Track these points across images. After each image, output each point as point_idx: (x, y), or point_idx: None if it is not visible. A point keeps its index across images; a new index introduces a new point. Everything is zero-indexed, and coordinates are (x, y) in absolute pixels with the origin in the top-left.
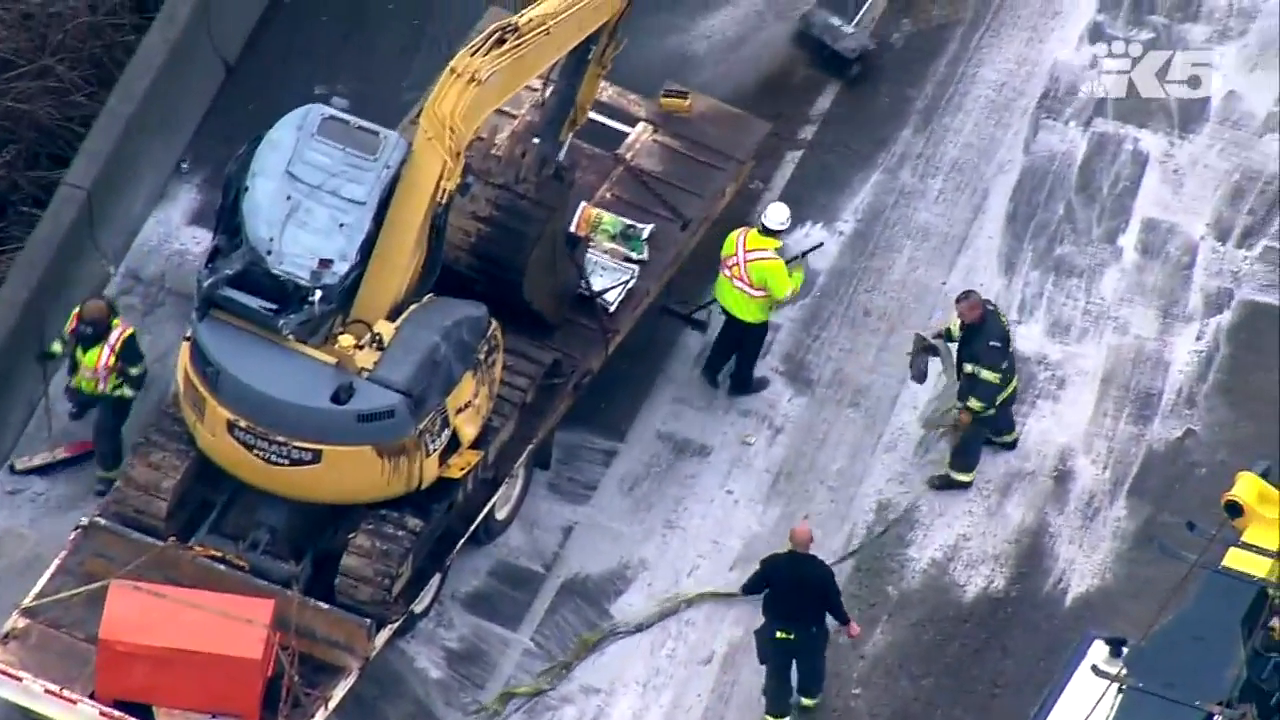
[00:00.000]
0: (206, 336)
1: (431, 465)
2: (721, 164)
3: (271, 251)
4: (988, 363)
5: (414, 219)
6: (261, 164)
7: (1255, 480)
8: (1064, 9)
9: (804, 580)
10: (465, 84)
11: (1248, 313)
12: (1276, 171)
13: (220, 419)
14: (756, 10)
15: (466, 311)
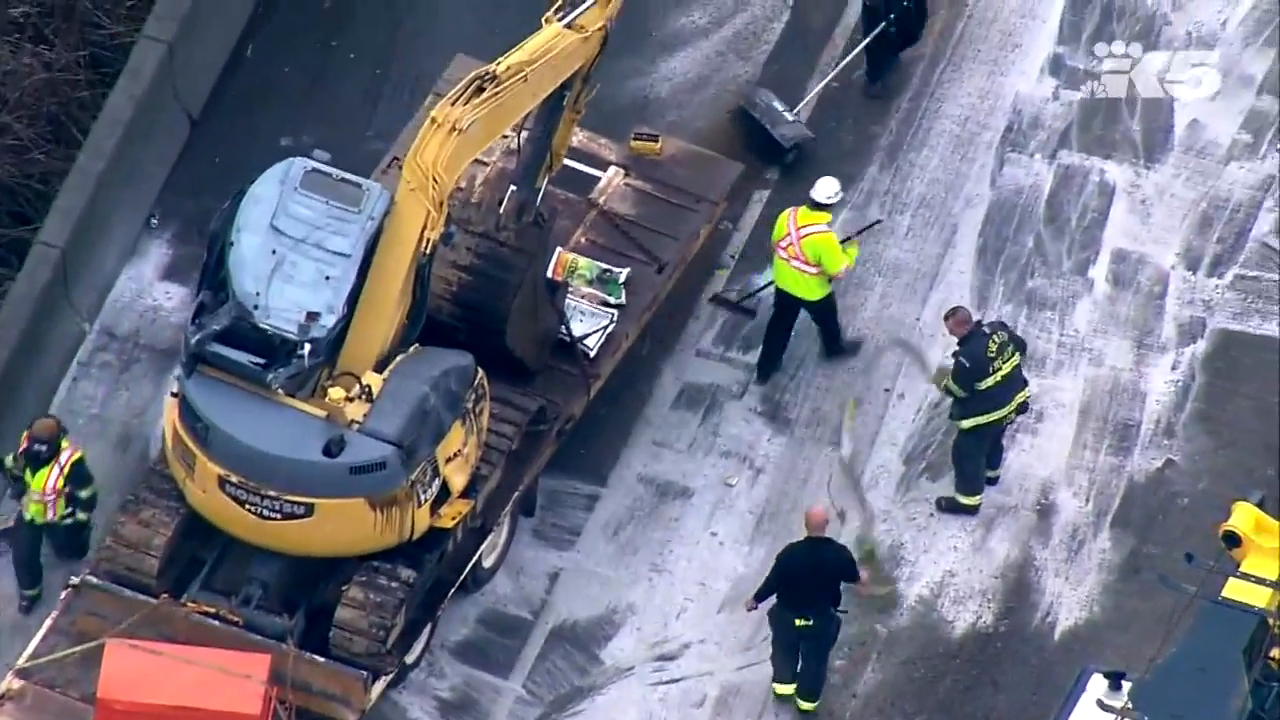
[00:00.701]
0: (195, 393)
1: (423, 516)
2: (695, 206)
3: (259, 306)
4: (956, 378)
5: (399, 270)
6: (246, 219)
7: (1252, 510)
8: (1023, 42)
9: (823, 563)
10: (447, 134)
11: (1222, 341)
12: (1243, 199)
13: (211, 475)
14: (717, 51)
15: (453, 361)
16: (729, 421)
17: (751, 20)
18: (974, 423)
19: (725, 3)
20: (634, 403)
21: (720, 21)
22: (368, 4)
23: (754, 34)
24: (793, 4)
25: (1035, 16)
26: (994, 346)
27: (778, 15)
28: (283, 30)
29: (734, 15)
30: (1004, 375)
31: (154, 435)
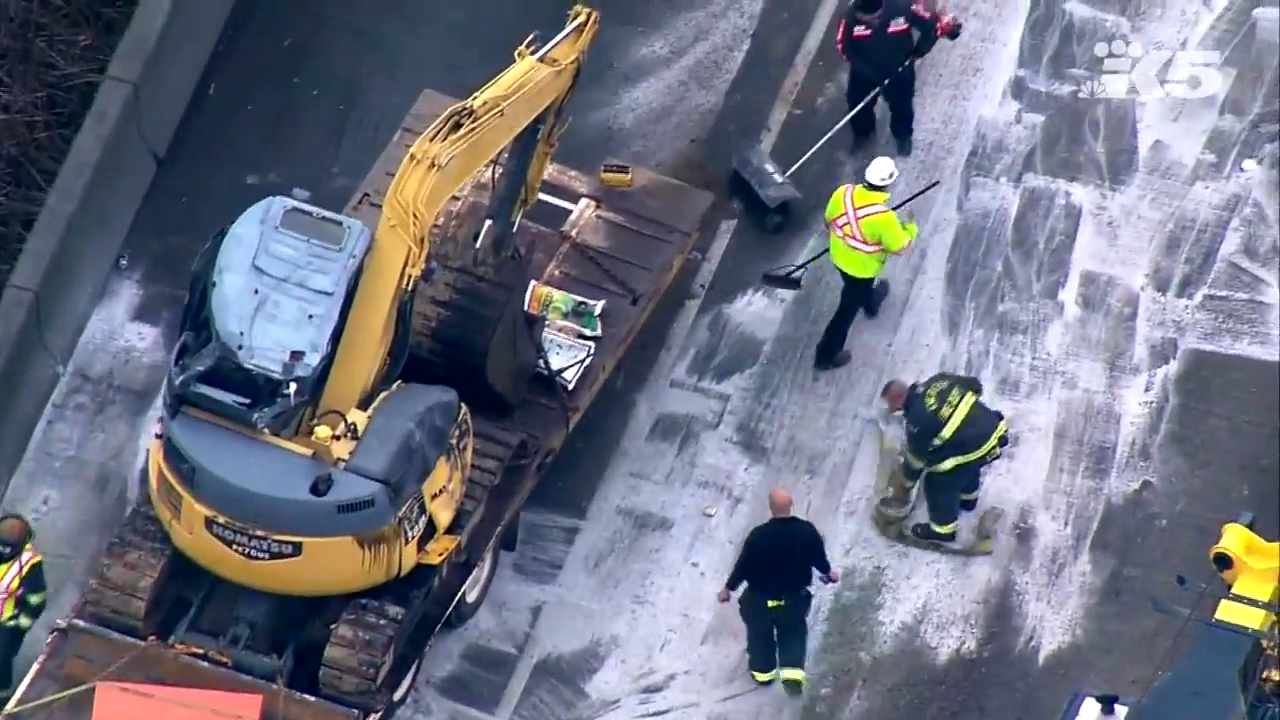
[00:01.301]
0: (180, 434)
1: (410, 552)
2: (667, 236)
3: (243, 346)
4: (912, 449)
5: (381, 307)
6: (228, 259)
7: (1243, 532)
8: (984, 66)
9: (792, 542)
10: (426, 170)
11: (1194, 362)
12: (1209, 219)
13: (198, 516)
14: (679, 81)
15: (437, 397)
16: (705, 452)
17: (712, 49)
18: (954, 463)
19: (685, 32)
20: (610, 435)
21: (681, 51)
22: (328, 40)
23: (715, 63)
24: (753, 32)
25: (995, 40)
26: (932, 399)
27: (738, 44)
28: (245, 68)
29: (694, 44)
30: (962, 418)
31: (132, 476)
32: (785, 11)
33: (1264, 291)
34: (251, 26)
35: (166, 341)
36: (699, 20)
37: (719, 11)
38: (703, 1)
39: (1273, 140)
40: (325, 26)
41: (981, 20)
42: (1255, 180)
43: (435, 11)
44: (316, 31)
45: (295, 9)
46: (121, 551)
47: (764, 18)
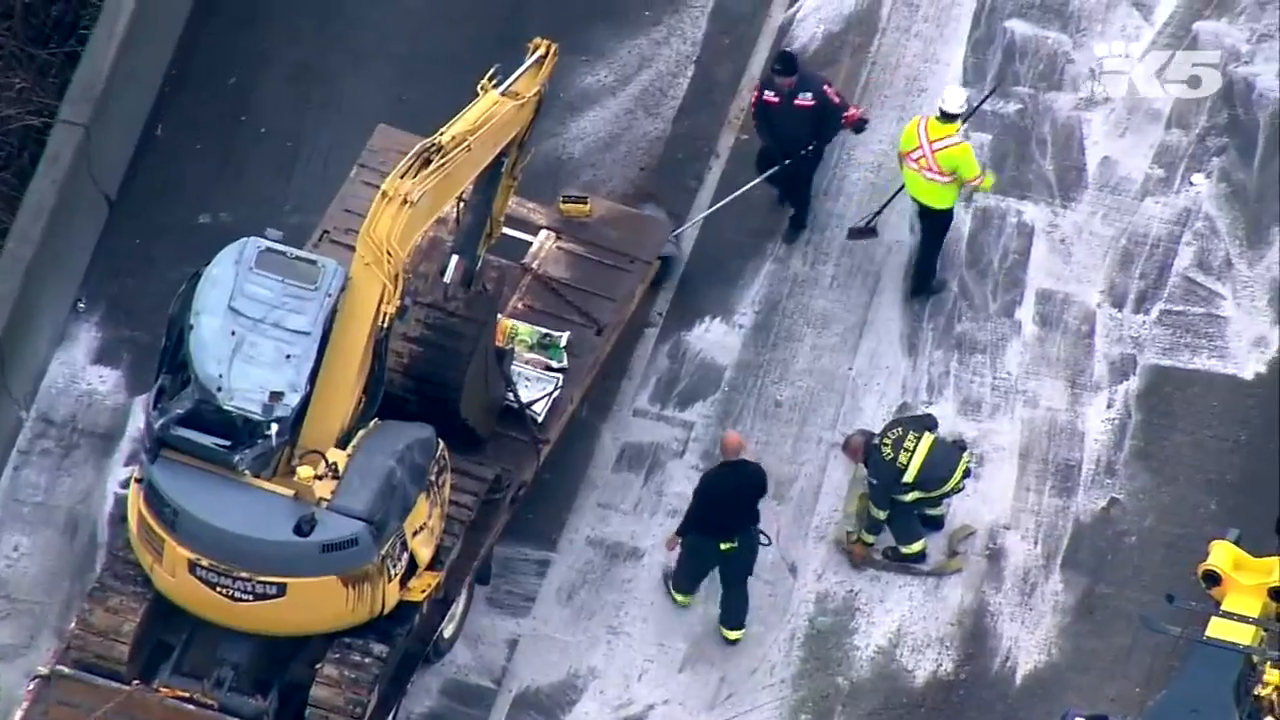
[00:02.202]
0: (161, 477)
1: (393, 590)
2: (628, 266)
3: (222, 388)
4: (875, 502)
5: (357, 345)
6: (204, 301)
7: (1230, 548)
8: (929, 86)
9: (742, 485)
10: (399, 207)
11: (1154, 378)
12: (1162, 234)
13: (180, 559)
14: (626, 109)
15: (416, 434)
16: (672, 480)
17: (657, 76)
18: (915, 496)
19: (629, 60)
20: (576, 466)
21: (626, 79)
22: (272, 78)
23: (660, 90)
24: (696, 58)
25: (938, 60)
26: (888, 448)
27: (682, 70)
28: (191, 108)
29: (639, 72)
30: (921, 461)
31: (101, 520)
32: (727, 38)
33: (1219, 305)
34: (195, 67)
35: (128, 384)
36: (642, 48)
37: (661, 39)
38: (645, 29)
39: (1220, 154)
40: (268, 64)
41: (923, 40)
42: (1205, 194)
43: (376, 45)
44: (260, 69)
45: (237, 48)
46: (103, 596)
47: (706, 44)
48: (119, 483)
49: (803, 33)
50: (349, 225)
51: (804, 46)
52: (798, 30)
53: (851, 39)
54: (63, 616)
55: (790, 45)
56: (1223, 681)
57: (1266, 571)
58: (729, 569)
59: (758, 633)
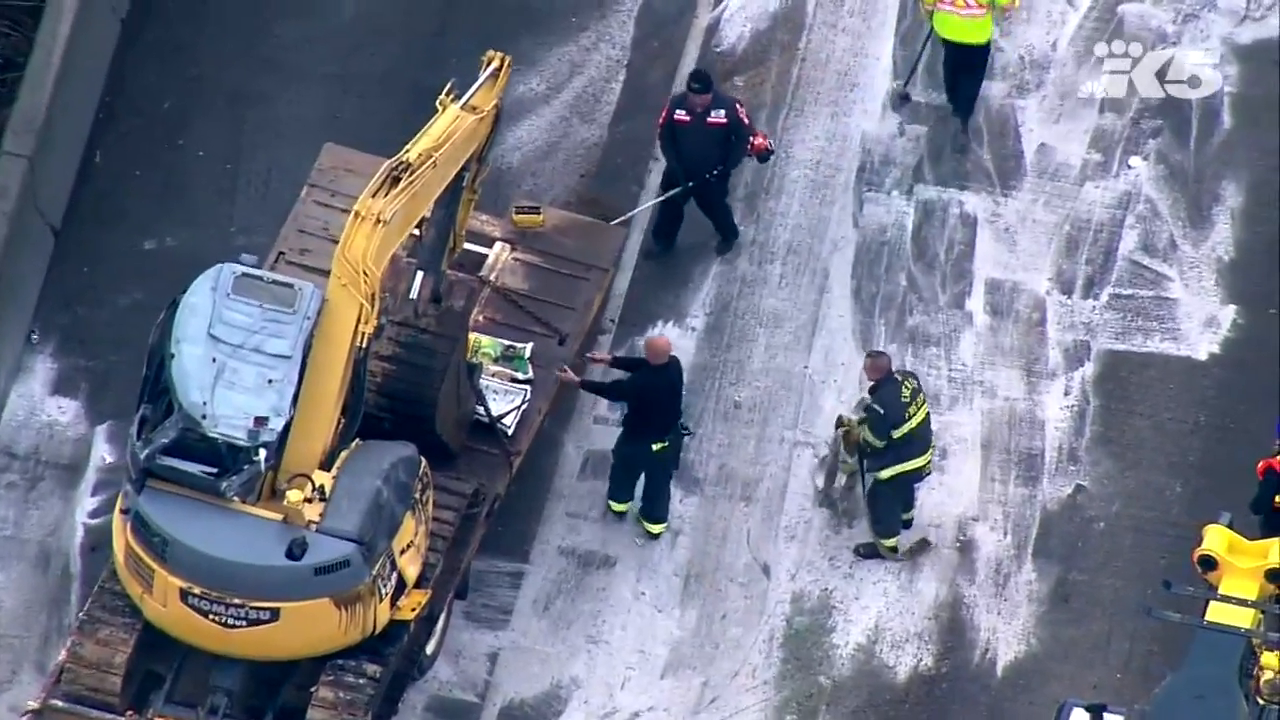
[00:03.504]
0: (149, 507)
1: (384, 610)
2: (585, 274)
3: (206, 415)
4: (868, 422)
5: (336, 367)
6: (183, 330)
7: (1224, 532)
8: (860, 81)
9: (673, 384)
10: (372, 226)
11: (1109, 362)
12: (1104, 219)
13: (171, 588)
14: (561, 117)
15: (399, 452)
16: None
17: (589, 83)
18: (892, 473)
19: (560, 68)
20: (542, 476)
21: (558, 87)
22: (206, 101)
23: (594, 96)
24: (627, 63)
25: (867, 54)
26: (907, 392)
27: (614, 75)
28: (127, 135)
29: (570, 79)
30: (918, 422)
31: (73, 551)
32: (655, 40)
33: (1167, 287)
34: (128, 93)
35: (88, 413)
36: (572, 55)
37: (590, 44)
38: (573, 35)
39: (1155, 136)
40: (201, 87)
41: (851, 35)
42: (1144, 177)
43: (307, 64)
44: (193, 94)
45: (169, 72)
46: (93, 629)
47: (635, 47)
48: (87, 513)
49: (730, 33)
50: (304, 246)
51: (732, 46)
52: (725, 30)
53: (779, 37)
54: (42, 650)
55: (719, 45)
56: (1226, 666)
57: (1262, 554)
58: (658, 468)
59: (736, 635)
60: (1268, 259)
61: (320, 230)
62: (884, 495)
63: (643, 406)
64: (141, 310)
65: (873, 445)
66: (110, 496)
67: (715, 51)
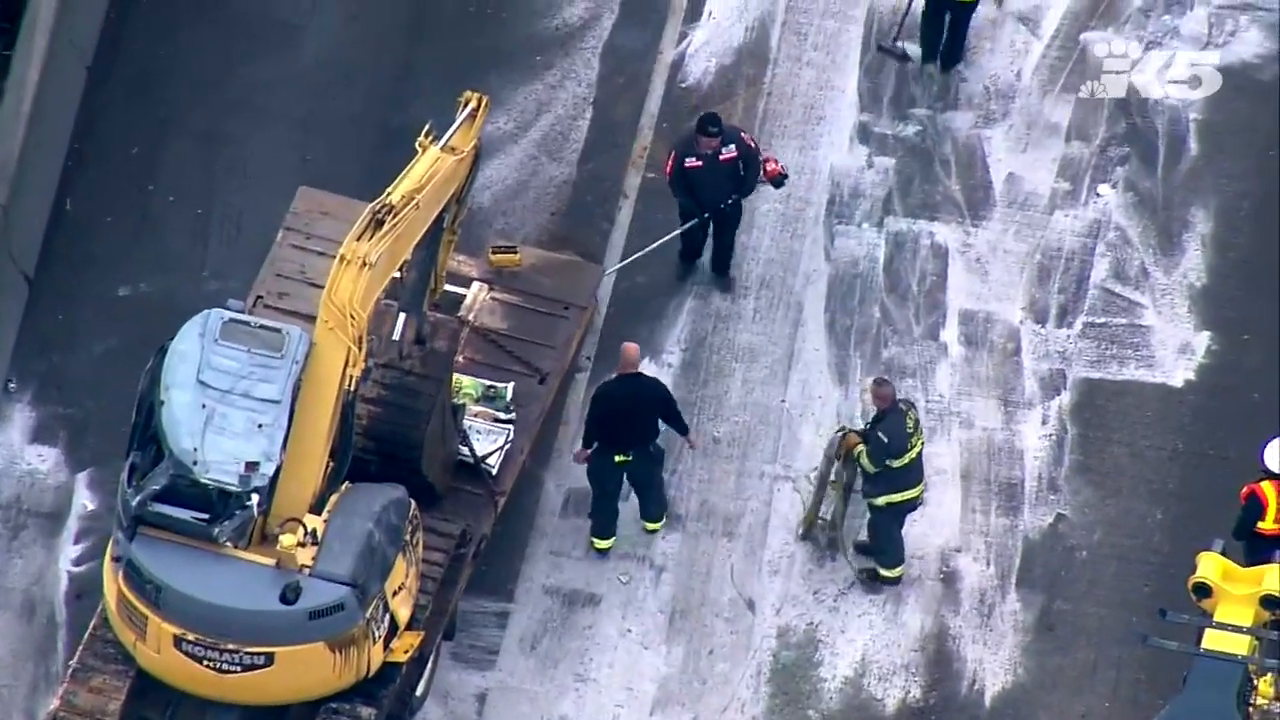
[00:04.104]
0: (142, 555)
1: (378, 652)
2: (564, 313)
3: (198, 462)
4: (873, 455)
5: (325, 410)
6: (173, 376)
7: (1218, 559)
8: (826, 114)
9: (639, 396)
10: (358, 269)
11: (1085, 390)
12: (1075, 247)
13: (165, 635)
14: (530, 155)
15: (390, 494)
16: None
17: (556, 120)
18: (887, 500)
19: (526, 106)
20: (523, 515)
21: (526, 125)
22: (175, 145)
23: (561, 134)
24: (593, 100)
25: (833, 87)
26: (910, 423)
27: (581, 113)
28: (97, 181)
29: (538, 118)
30: (916, 454)
31: (58, 599)
32: (621, 77)
33: (1141, 315)
34: (97, 138)
35: (68, 461)
36: (538, 93)
37: (556, 82)
38: (539, 74)
39: (1123, 163)
40: (169, 131)
41: (816, 69)
42: (1112, 204)
43: (275, 107)
44: (161, 138)
45: (137, 116)
46: (86, 677)
47: (601, 85)
48: (70, 560)
49: (695, 68)
50: (281, 290)
51: (698, 81)
52: (690, 66)
53: (745, 71)
54: (31, 698)
55: (685, 81)
56: (1224, 694)
57: (1257, 580)
58: (632, 478)
59: (724, 670)
60: (1239, 284)
61: (298, 274)
62: (883, 523)
63: (601, 412)
64: (118, 356)
65: (865, 469)
66: (93, 543)
67: (681, 87)
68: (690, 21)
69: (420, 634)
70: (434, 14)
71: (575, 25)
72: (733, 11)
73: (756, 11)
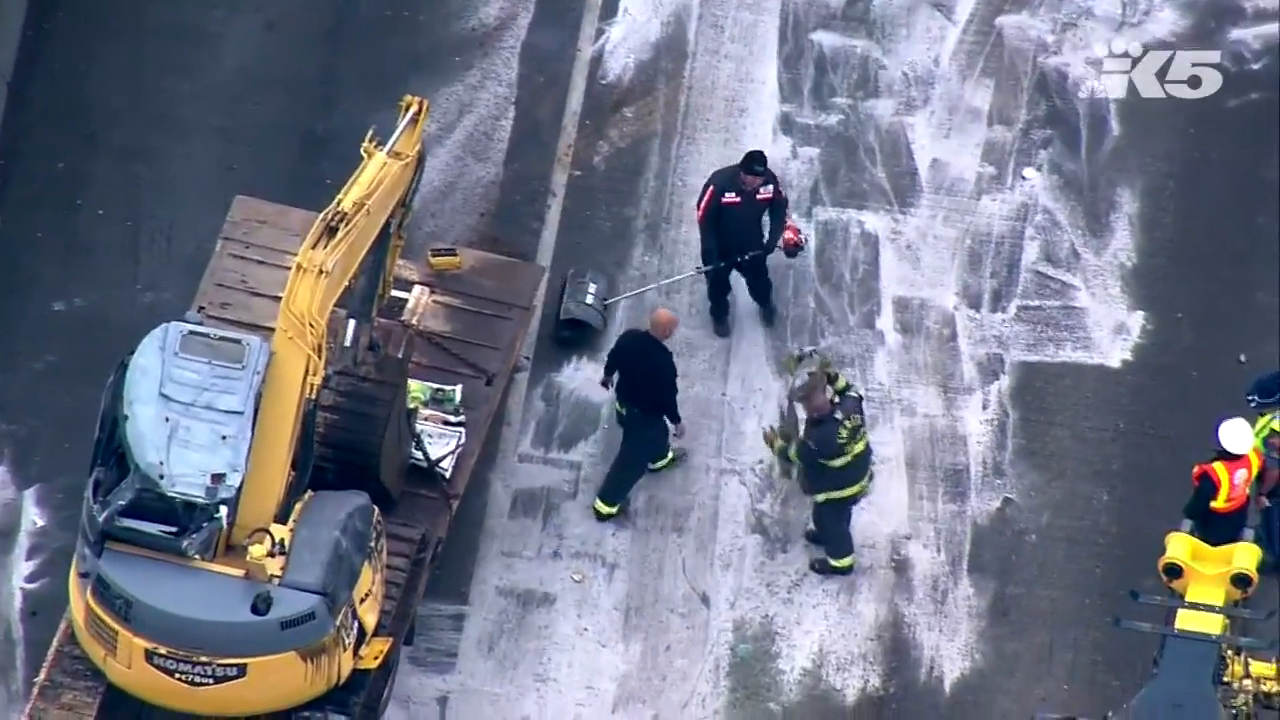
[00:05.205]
0: (111, 570)
1: (348, 659)
2: (507, 314)
3: (164, 475)
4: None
5: (286, 419)
6: (135, 391)
7: (1187, 539)
8: (748, 106)
9: (642, 358)
10: (315, 278)
11: (1024, 374)
12: (1004, 231)
13: (137, 650)
14: (455, 156)
15: (354, 502)
16: (570, 522)
17: (479, 121)
18: (827, 497)
19: (448, 107)
20: (473, 517)
21: (449, 127)
22: (100, 161)
23: (486, 134)
24: (515, 99)
25: (753, 79)
26: (845, 433)
27: (503, 113)
28: (25, 197)
29: (460, 119)
30: (856, 455)
31: (13, 617)
32: (541, 76)
33: (1074, 297)
34: (22, 155)
35: (15, 479)
36: (459, 94)
37: (477, 83)
38: (459, 75)
39: (1046, 146)
40: (94, 146)
41: (734, 61)
42: (1039, 187)
43: (196, 118)
44: (86, 153)
45: (61, 133)
46: (55, 694)
47: (522, 84)
48: (23, 577)
49: (614, 64)
50: (224, 300)
51: (618, 78)
52: (609, 62)
53: (664, 66)
54: None
55: (605, 77)
56: (1201, 673)
57: (1226, 560)
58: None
59: (682, 666)
60: (1169, 263)
61: (239, 283)
62: (829, 518)
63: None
64: (57, 372)
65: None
66: (45, 559)
67: (601, 84)
68: (606, 18)
69: (389, 640)
70: (351, 19)
71: (492, 25)
72: (647, 6)
73: (671, 6)
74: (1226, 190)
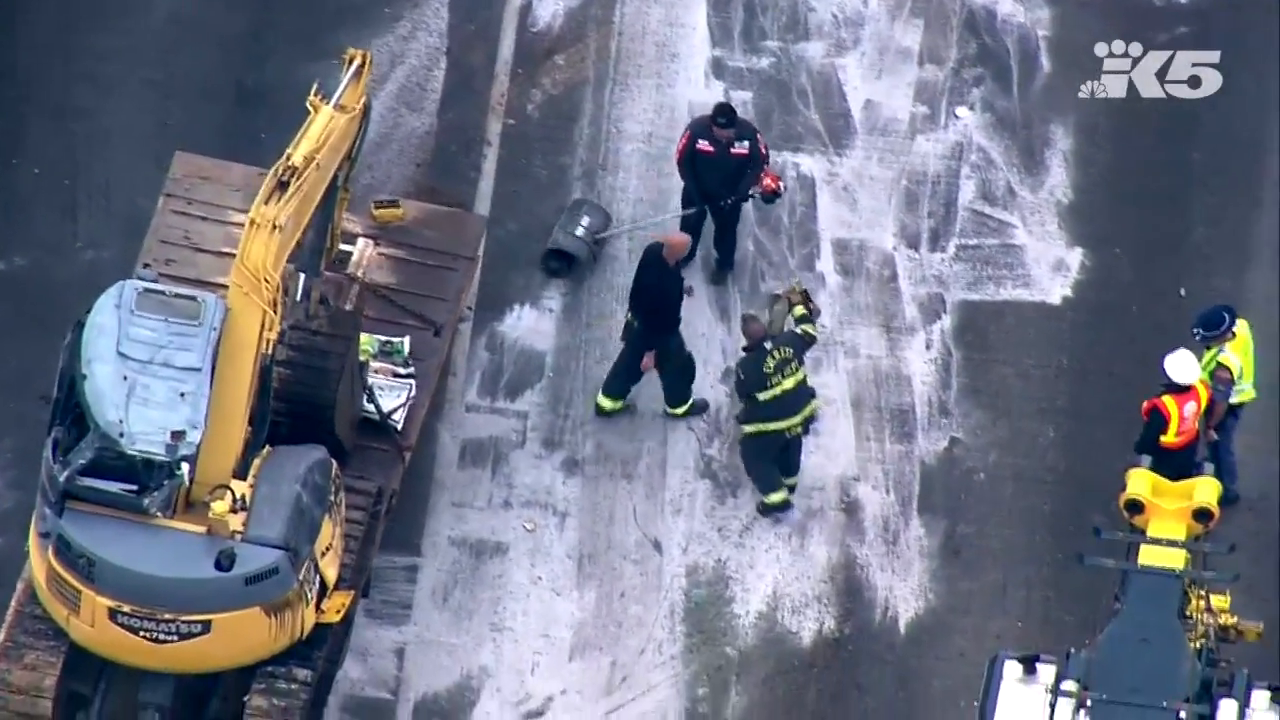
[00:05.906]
0: (72, 529)
1: (310, 614)
2: (452, 264)
3: (124, 434)
4: (736, 388)
5: (243, 375)
6: (93, 349)
7: (1147, 475)
8: (680, 51)
9: (643, 272)
10: (269, 233)
11: (965, 313)
12: (940, 170)
13: (100, 608)
14: (389, 108)
15: (313, 456)
16: (519, 471)
17: (411, 72)
18: (755, 429)
19: (380, 59)
20: (422, 468)
21: (381, 78)
22: (34, 120)
23: (418, 85)
24: (446, 49)
25: (683, 24)
26: (771, 363)
27: (435, 63)
28: None
29: (393, 70)
30: (784, 390)
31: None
32: (471, 24)
33: (1012, 234)
34: None
35: None
36: (390, 45)
37: (408, 34)
38: (389, 26)
39: (978, 84)
40: (26, 105)
41: (664, 6)
42: (972, 126)
43: (128, 73)
44: (20, 112)
45: None
46: (19, 654)
47: (452, 34)
48: None
49: (544, 12)
50: (168, 256)
51: (548, 25)
52: (539, 10)
53: (594, 13)
54: None
55: (535, 25)
56: (1166, 608)
57: (1187, 495)
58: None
59: (637, 613)
60: (1106, 199)
61: (182, 240)
62: (750, 455)
63: None
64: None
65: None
66: None
67: (532, 32)
68: None
69: (350, 593)
70: None
71: None
72: None
73: None
74: (1159, 124)
